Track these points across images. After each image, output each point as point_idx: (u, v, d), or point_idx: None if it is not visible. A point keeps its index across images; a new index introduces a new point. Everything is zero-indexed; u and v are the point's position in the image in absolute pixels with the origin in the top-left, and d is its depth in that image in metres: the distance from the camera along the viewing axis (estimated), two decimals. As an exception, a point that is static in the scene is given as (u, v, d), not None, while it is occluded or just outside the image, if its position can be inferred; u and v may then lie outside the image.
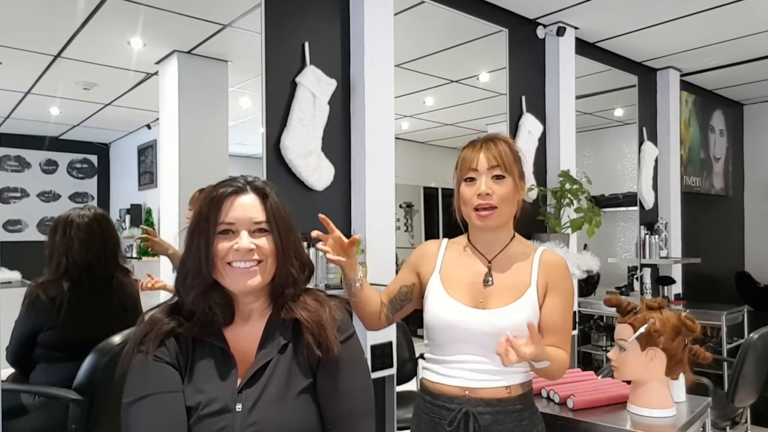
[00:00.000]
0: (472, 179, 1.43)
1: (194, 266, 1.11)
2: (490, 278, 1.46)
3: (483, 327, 1.40)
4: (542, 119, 3.39)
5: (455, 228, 1.54)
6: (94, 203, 2.54)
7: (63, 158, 2.50)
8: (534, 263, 1.47)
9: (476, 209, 1.42)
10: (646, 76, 4.37)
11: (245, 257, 1.10)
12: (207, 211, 1.11)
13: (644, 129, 4.31)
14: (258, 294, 1.16)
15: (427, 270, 1.52)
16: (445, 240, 1.58)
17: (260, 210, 1.13)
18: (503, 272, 1.46)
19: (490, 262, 1.48)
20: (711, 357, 1.80)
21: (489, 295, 1.44)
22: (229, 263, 1.10)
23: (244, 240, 1.10)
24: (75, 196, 2.52)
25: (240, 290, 1.13)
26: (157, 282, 2.17)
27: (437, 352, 1.48)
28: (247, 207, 1.12)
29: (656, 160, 4.38)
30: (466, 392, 1.41)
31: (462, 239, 1.56)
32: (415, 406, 1.53)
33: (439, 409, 1.44)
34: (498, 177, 1.42)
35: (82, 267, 2.10)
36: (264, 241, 1.12)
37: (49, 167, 2.47)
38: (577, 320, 3.41)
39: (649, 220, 4.31)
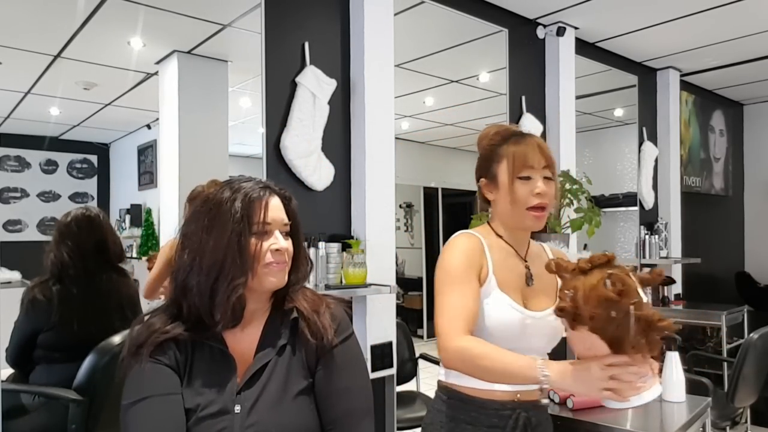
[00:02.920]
0: (527, 177, 1.36)
1: (231, 267, 1.08)
2: (531, 278, 1.40)
3: (543, 329, 1.35)
4: (542, 119, 3.39)
5: (455, 228, 1.51)
6: (94, 203, 2.53)
7: (63, 158, 2.50)
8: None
9: (533, 209, 1.35)
10: (646, 76, 4.37)
11: (282, 257, 1.12)
12: (243, 211, 1.10)
13: (644, 129, 4.31)
14: (269, 293, 1.17)
15: (482, 270, 1.36)
16: (478, 234, 1.41)
17: (285, 212, 1.16)
18: (536, 272, 1.40)
19: (525, 261, 1.42)
20: (672, 325, 1.08)
21: (529, 296, 1.37)
22: (267, 263, 1.11)
23: (282, 240, 1.12)
24: (75, 196, 2.51)
25: (272, 288, 1.14)
26: None
27: None
28: (278, 209, 1.15)
29: (656, 160, 4.38)
30: (518, 395, 1.35)
31: (488, 233, 1.43)
32: (447, 417, 1.39)
33: (488, 417, 1.35)
34: (547, 178, 1.37)
35: (76, 267, 2.11)
36: (289, 243, 1.15)
37: (49, 167, 2.46)
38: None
39: (649, 220, 4.31)
